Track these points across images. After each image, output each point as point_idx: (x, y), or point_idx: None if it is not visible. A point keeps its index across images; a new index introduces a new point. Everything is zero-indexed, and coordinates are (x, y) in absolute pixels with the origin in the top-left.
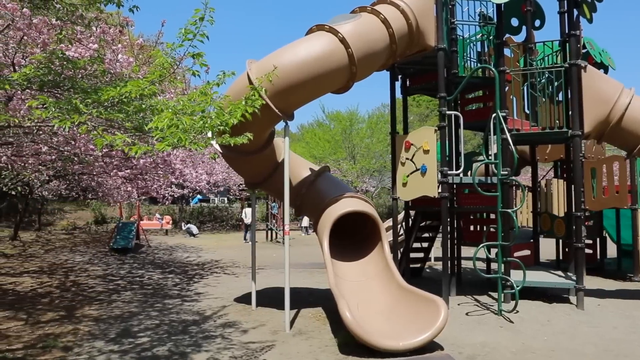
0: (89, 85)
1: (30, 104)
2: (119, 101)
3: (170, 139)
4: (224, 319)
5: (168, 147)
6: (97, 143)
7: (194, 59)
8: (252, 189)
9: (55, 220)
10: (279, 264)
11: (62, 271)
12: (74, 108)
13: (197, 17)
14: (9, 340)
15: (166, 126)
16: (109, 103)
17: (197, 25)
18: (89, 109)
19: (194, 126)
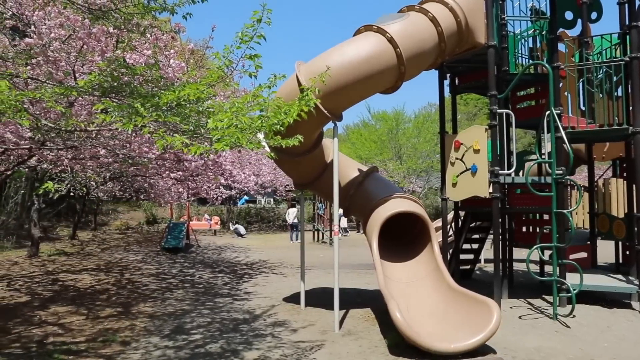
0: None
1: (96, 107)
2: (177, 104)
3: (228, 138)
4: (273, 318)
5: (226, 147)
6: (158, 144)
7: (251, 59)
8: (300, 189)
9: (110, 221)
10: (326, 265)
11: (118, 269)
12: (135, 112)
13: (255, 18)
14: (72, 333)
15: (225, 126)
16: (167, 106)
17: (254, 27)
18: (149, 113)
19: (252, 125)
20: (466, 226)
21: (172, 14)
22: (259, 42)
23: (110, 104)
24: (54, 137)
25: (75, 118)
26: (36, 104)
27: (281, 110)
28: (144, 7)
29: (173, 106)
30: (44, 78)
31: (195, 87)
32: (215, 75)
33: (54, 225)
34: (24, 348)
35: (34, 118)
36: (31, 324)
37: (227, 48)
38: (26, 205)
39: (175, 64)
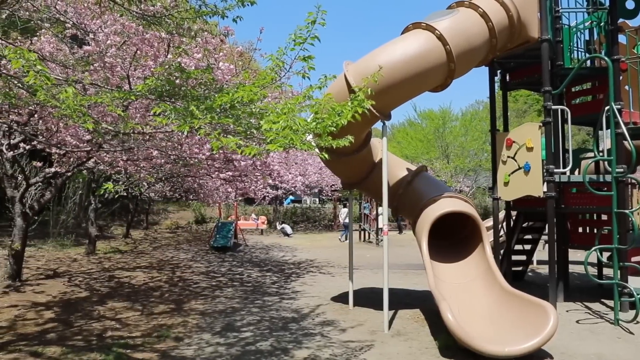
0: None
1: (154, 111)
2: (230, 106)
3: (282, 140)
4: (322, 317)
5: (279, 148)
6: (213, 146)
7: (304, 61)
8: (348, 189)
9: (160, 220)
10: (373, 265)
11: (169, 267)
12: (190, 114)
13: (310, 20)
14: (129, 328)
15: (280, 127)
16: (220, 109)
17: (308, 29)
18: (204, 115)
19: (307, 127)
20: (518, 226)
21: (223, 17)
22: (313, 44)
23: (167, 107)
24: (111, 139)
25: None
26: (94, 108)
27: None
28: (195, 12)
29: (227, 108)
30: (102, 83)
31: (248, 90)
32: (269, 77)
33: (108, 224)
34: (86, 341)
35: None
36: (91, 318)
37: (280, 50)
38: (83, 205)
39: (224, 67)
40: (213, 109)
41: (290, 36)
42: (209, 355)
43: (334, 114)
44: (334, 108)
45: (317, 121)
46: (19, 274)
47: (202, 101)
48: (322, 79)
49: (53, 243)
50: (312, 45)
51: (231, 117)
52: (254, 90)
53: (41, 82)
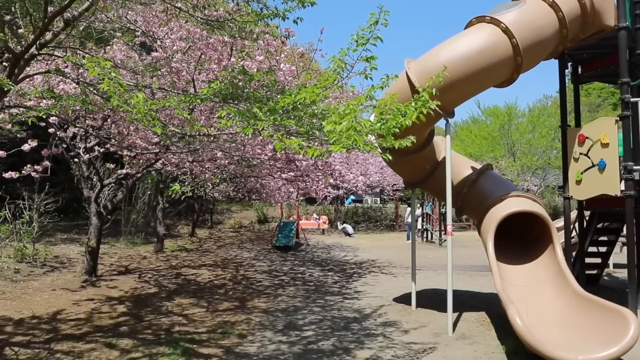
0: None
1: (219, 114)
2: (293, 107)
3: (345, 140)
4: (384, 317)
5: (342, 149)
6: (276, 147)
7: (367, 62)
8: (411, 189)
9: (224, 219)
10: (436, 265)
11: (233, 265)
12: (253, 116)
13: (372, 21)
14: (195, 324)
15: (344, 128)
16: (283, 110)
17: (371, 30)
18: (267, 117)
19: (371, 128)
20: (592, 227)
21: (284, 19)
22: (375, 44)
23: (231, 110)
24: (177, 141)
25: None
26: (162, 112)
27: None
28: (257, 15)
29: (289, 109)
30: (169, 88)
31: (311, 91)
32: (331, 78)
33: (175, 223)
34: (155, 335)
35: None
36: (160, 313)
37: (342, 51)
38: (152, 205)
39: (285, 68)
40: (275, 111)
41: (352, 37)
42: (272, 352)
43: (398, 115)
44: (398, 109)
45: (381, 122)
46: (94, 270)
47: (264, 103)
48: (384, 78)
49: (124, 241)
50: (374, 45)
51: (293, 118)
52: (316, 91)
53: (115, 88)
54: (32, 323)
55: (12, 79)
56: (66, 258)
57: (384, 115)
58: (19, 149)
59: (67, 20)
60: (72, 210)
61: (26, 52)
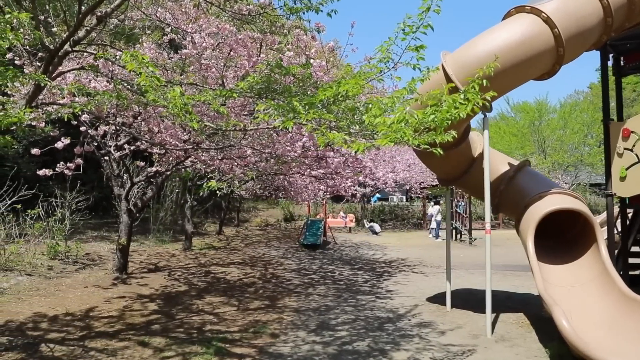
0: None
1: (258, 108)
2: (334, 101)
3: (393, 134)
4: (418, 318)
5: (390, 143)
6: (319, 142)
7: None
8: (445, 185)
9: (251, 218)
10: (468, 265)
11: (262, 264)
12: (292, 110)
13: (424, 7)
14: (226, 323)
15: (396, 120)
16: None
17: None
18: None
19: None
20: (636, 225)
21: (317, 12)
22: (425, 33)
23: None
24: (208, 138)
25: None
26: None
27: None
28: (289, 9)
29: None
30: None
31: (354, 82)
32: (377, 69)
33: (202, 221)
34: (187, 333)
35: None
36: (191, 312)
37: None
38: (180, 202)
39: (315, 63)
40: (314, 105)
41: (399, 25)
42: (306, 353)
43: (452, 107)
44: (455, 100)
45: (435, 114)
46: (125, 267)
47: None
48: (424, 71)
49: (153, 239)
50: (424, 34)
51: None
52: (360, 82)
53: (151, 82)
54: (66, 320)
55: (47, 75)
56: (97, 255)
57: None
58: (51, 147)
59: (99, 17)
60: (102, 208)
61: (60, 49)
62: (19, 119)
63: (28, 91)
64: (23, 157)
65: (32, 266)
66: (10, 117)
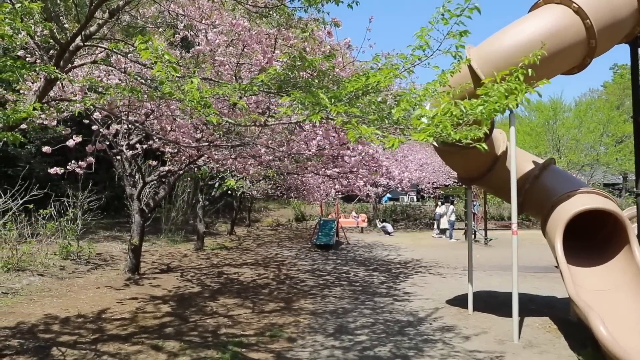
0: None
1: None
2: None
3: (433, 129)
4: (439, 322)
5: (429, 137)
6: (349, 136)
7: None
8: (467, 185)
9: (262, 217)
10: (485, 266)
11: (275, 264)
12: (318, 103)
13: None
14: (242, 326)
15: (441, 112)
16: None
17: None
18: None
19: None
20: None
21: (337, 3)
22: (470, 17)
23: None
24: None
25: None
26: None
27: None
28: (307, 0)
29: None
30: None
31: (386, 73)
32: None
33: (213, 221)
34: (201, 337)
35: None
36: (205, 314)
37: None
38: (191, 202)
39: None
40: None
41: (438, 10)
42: (326, 359)
43: (502, 97)
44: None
45: (483, 105)
46: (137, 268)
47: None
48: (455, 63)
49: (165, 239)
50: (469, 18)
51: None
52: (394, 73)
53: (167, 73)
54: (77, 322)
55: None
56: (109, 255)
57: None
58: (63, 145)
59: (112, 11)
60: (113, 208)
61: (71, 43)
62: (28, 114)
63: (38, 87)
64: (35, 157)
65: (44, 266)
66: (19, 112)
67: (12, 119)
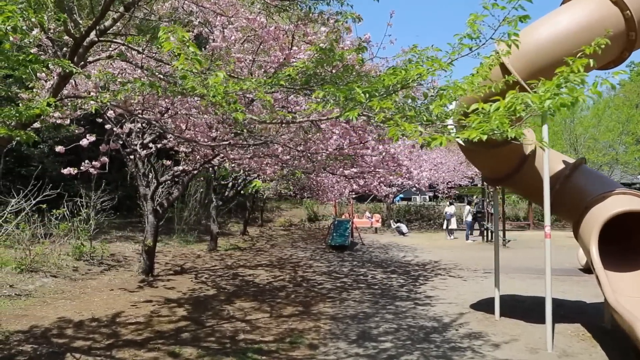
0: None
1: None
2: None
3: (487, 125)
4: (466, 328)
5: (483, 135)
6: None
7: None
8: (492, 185)
9: (274, 217)
10: (506, 268)
11: (290, 266)
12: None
13: None
14: (260, 331)
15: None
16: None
17: None
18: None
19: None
20: None
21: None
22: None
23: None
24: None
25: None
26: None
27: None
28: None
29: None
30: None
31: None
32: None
33: (225, 221)
34: (219, 343)
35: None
36: (222, 319)
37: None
38: (203, 202)
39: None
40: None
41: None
42: None
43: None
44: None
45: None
46: (151, 269)
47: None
48: (493, 54)
49: (177, 239)
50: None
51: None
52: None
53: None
54: (92, 326)
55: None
56: (122, 256)
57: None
58: (76, 144)
59: (127, 4)
60: (126, 208)
61: (86, 37)
62: (42, 110)
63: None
64: (48, 157)
65: (58, 267)
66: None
67: (25, 116)
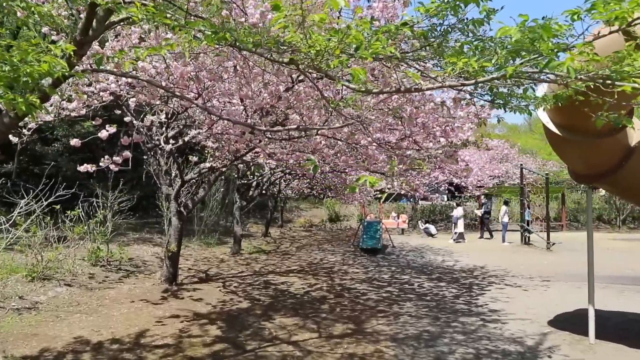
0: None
1: (450, 59)
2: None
3: None
4: (559, 354)
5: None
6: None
7: None
8: (585, 183)
9: (294, 218)
10: (561, 275)
11: (323, 272)
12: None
13: None
14: (313, 358)
15: None
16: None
17: None
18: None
19: None
20: None
21: None
22: None
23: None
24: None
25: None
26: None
27: None
28: None
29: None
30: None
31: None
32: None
33: (244, 222)
34: None
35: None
36: (263, 339)
37: None
38: (224, 203)
39: None
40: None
41: None
42: None
43: None
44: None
45: None
46: (175, 277)
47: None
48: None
49: (197, 241)
50: None
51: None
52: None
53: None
54: (112, 349)
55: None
56: (141, 261)
57: None
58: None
59: None
60: (142, 208)
61: None
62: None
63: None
64: (62, 155)
65: (72, 274)
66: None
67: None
